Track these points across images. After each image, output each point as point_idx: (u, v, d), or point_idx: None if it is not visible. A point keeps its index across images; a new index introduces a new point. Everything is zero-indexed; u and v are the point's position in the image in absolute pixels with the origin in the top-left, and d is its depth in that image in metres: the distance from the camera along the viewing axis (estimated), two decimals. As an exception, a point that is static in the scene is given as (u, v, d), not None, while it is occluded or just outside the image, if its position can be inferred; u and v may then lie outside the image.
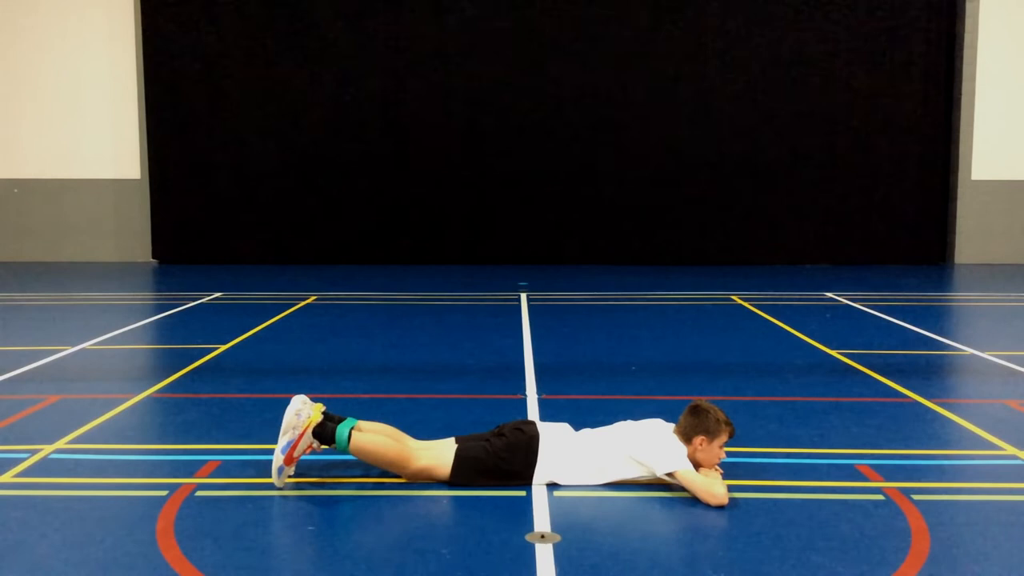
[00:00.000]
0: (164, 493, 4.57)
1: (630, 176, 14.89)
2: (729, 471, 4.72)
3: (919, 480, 4.86)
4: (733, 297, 11.25)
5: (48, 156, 15.39)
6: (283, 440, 4.60)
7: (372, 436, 4.69)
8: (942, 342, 8.63)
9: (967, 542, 4.08)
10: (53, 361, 7.64)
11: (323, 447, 4.70)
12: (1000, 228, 15.00)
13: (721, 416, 4.62)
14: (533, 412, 6.06)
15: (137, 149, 15.25)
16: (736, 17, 14.66)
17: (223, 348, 8.16)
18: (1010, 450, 5.33)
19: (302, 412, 4.65)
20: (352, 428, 4.67)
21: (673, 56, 14.72)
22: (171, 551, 3.92)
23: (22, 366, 7.37)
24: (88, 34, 15.18)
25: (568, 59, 14.74)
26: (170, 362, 7.89)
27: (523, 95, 14.79)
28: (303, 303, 10.79)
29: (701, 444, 4.59)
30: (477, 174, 14.93)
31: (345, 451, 4.68)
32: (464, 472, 4.63)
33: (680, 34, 14.71)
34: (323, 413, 4.76)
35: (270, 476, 4.62)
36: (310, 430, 4.63)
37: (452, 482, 4.63)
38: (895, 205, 14.98)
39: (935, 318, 10.37)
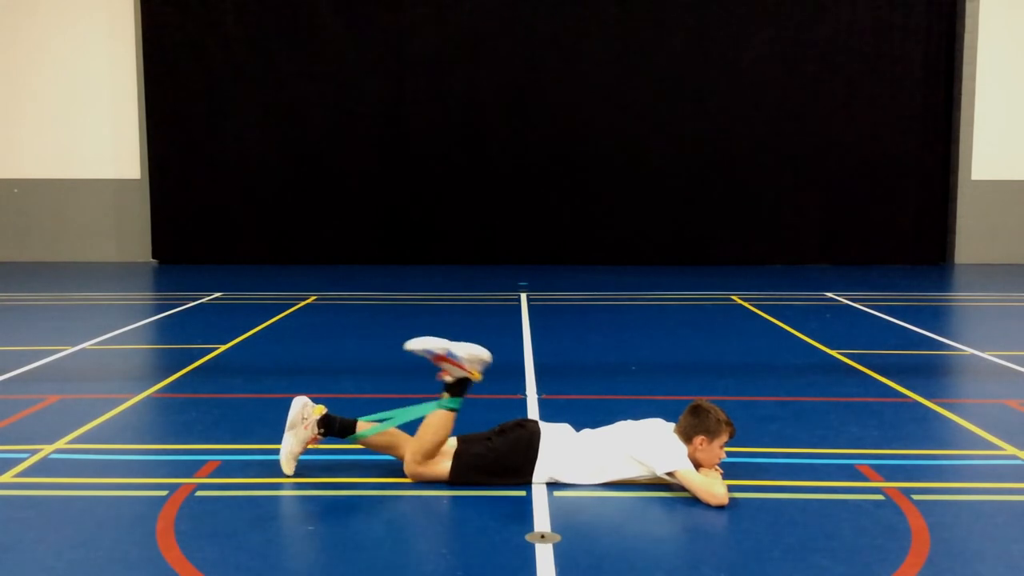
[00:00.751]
0: (164, 493, 4.57)
1: (630, 176, 14.88)
2: (729, 471, 4.72)
3: (919, 480, 4.86)
4: (733, 297, 11.25)
5: (48, 156, 15.39)
6: (449, 347, 4.72)
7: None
8: (942, 342, 8.63)
9: (967, 542, 4.08)
10: (53, 361, 7.64)
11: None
12: (1000, 228, 15.00)
13: (721, 416, 4.62)
14: (533, 412, 6.07)
15: (137, 149, 15.25)
16: (737, 17, 14.66)
17: (223, 348, 8.16)
18: (1010, 450, 5.33)
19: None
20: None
21: (674, 56, 14.72)
22: (171, 551, 3.92)
23: (22, 366, 7.37)
24: (88, 34, 15.18)
25: (568, 59, 14.73)
26: (170, 362, 7.89)
27: (523, 95, 14.78)
28: (303, 303, 10.79)
29: (701, 444, 4.59)
30: (477, 174, 14.93)
31: (433, 408, 4.73)
32: (464, 469, 4.63)
33: (681, 34, 14.71)
34: (323, 420, 4.81)
35: (270, 476, 4.62)
36: (470, 367, 4.73)
37: (452, 480, 4.63)
38: (895, 205, 14.97)
39: (935, 318, 10.37)
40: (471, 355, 4.75)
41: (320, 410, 4.75)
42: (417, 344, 4.76)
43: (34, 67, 15.26)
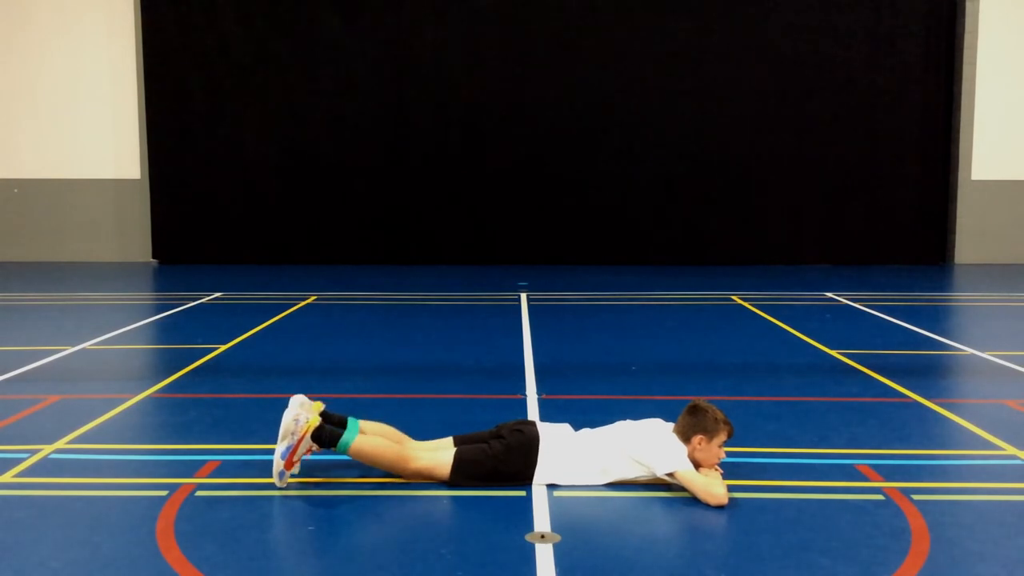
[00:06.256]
0: (164, 493, 4.57)
1: (630, 176, 14.89)
2: (729, 471, 4.72)
3: (919, 480, 4.86)
4: (733, 297, 11.25)
5: (48, 156, 15.39)
6: (282, 446, 4.59)
7: (371, 440, 4.69)
8: (942, 342, 8.63)
9: (967, 542, 4.08)
10: (53, 361, 7.64)
11: (322, 449, 4.70)
12: (1000, 228, 15.00)
13: (719, 415, 4.62)
14: (533, 412, 6.06)
15: (137, 149, 15.25)
16: (736, 17, 14.67)
17: (223, 348, 8.15)
18: (1010, 450, 5.33)
19: (300, 418, 4.63)
20: (353, 436, 4.66)
21: (673, 56, 14.72)
22: (171, 551, 3.92)
23: (22, 366, 7.37)
24: (88, 34, 15.18)
25: (568, 59, 14.73)
26: (170, 362, 7.89)
27: (523, 95, 14.78)
28: (303, 303, 10.79)
29: (700, 443, 4.59)
30: (477, 174, 14.93)
31: (344, 454, 4.68)
32: (463, 475, 4.63)
33: (680, 34, 14.71)
34: (322, 413, 4.77)
35: (270, 476, 4.63)
36: (309, 435, 4.62)
37: (452, 484, 4.63)
38: (895, 205, 14.98)
39: (935, 318, 10.37)
40: (289, 431, 4.58)
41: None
42: (276, 473, 4.60)
43: (34, 67, 15.26)
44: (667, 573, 3.77)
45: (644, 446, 4.62)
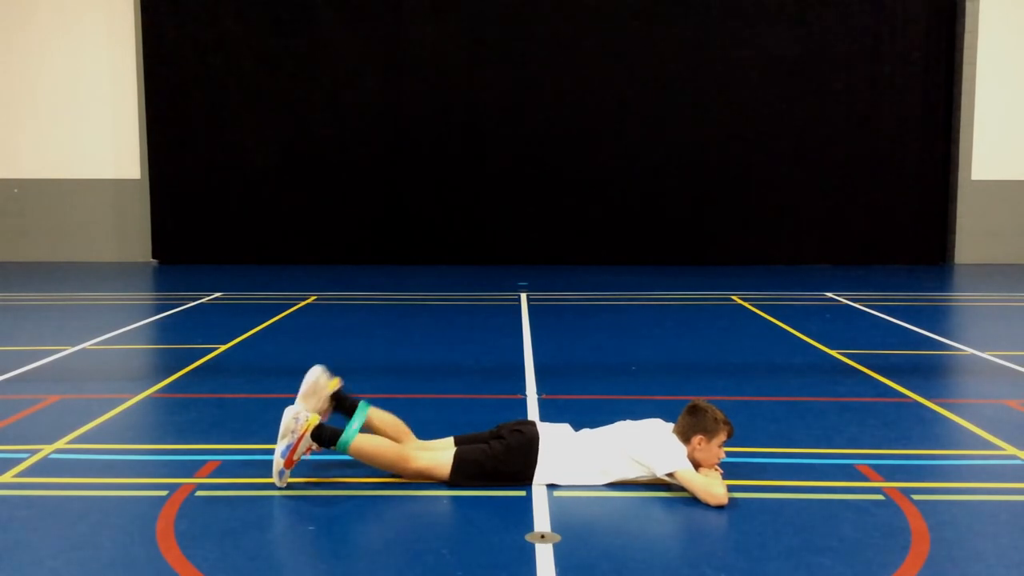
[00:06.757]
0: (164, 493, 4.57)
1: (630, 176, 14.88)
2: (729, 471, 4.72)
3: (919, 480, 4.86)
4: (733, 297, 11.25)
5: (48, 156, 15.39)
6: (282, 444, 4.60)
7: (371, 439, 4.70)
8: (942, 342, 8.63)
9: (967, 542, 4.08)
10: (53, 361, 7.64)
11: (322, 448, 4.71)
12: (1000, 228, 15.00)
13: (719, 415, 4.62)
14: (533, 412, 6.06)
15: (137, 149, 15.25)
16: (737, 16, 14.66)
17: (223, 348, 8.16)
18: (1010, 450, 5.33)
19: (300, 416, 4.64)
20: (353, 435, 4.67)
21: (673, 55, 14.72)
22: (171, 551, 3.92)
23: (22, 366, 7.37)
24: (88, 34, 15.18)
25: (568, 58, 14.73)
26: (170, 362, 7.89)
27: (523, 94, 14.78)
28: (303, 303, 10.79)
29: (699, 443, 4.59)
30: (477, 174, 14.93)
31: (344, 453, 4.69)
32: (463, 475, 4.63)
33: (681, 33, 14.71)
34: (336, 393, 4.82)
35: (270, 476, 4.63)
36: (308, 433, 4.63)
37: (452, 484, 4.63)
38: (895, 205, 14.98)
39: (935, 318, 10.37)
40: (289, 428, 4.57)
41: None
42: (275, 471, 4.60)
43: (34, 67, 15.26)
44: (667, 573, 3.77)
45: (644, 446, 4.62)
